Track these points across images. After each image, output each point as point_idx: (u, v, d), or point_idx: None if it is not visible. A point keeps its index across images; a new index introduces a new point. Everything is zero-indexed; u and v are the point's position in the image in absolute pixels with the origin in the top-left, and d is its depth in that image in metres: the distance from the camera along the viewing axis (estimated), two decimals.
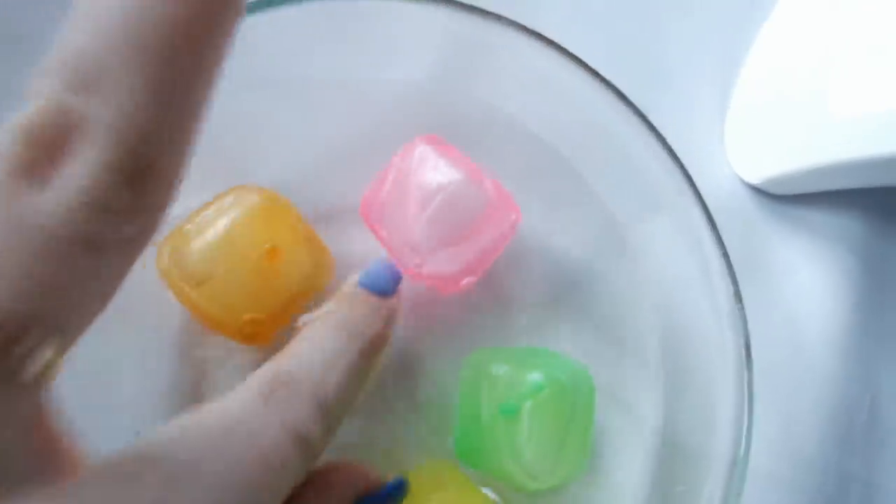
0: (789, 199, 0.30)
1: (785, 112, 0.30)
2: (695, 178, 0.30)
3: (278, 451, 0.15)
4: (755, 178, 0.30)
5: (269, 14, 0.21)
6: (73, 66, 0.10)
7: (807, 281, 0.29)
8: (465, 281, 0.22)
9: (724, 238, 0.29)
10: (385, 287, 0.20)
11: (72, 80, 0.10)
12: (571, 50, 0.27)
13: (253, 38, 0.20)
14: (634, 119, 0.22)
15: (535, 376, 0.20)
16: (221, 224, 0.20)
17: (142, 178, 0.10)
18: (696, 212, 0.22)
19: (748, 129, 0.31)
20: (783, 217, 0.30)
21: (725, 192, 0.30)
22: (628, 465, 0.24)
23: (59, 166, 0.10)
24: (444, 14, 0.22)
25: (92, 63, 0.10)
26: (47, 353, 0.10)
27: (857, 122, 0.28)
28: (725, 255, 0.21)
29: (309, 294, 0.22)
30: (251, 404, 0.15)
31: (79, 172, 0.10)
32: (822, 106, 0.29)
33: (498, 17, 0.22)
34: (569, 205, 0.26)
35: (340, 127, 0.25)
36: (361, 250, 0.24)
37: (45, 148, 0.10)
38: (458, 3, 0.22)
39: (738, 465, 0.20)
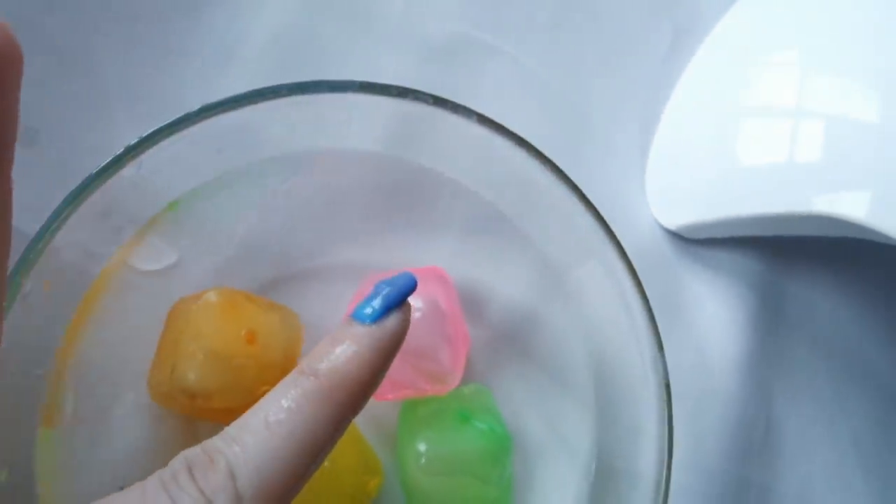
0: (700, 241, 0.35)
1: (696, 165, 0.34)
2: (619, 224, 0.33)
3: None
4: (672, 225, 0.34)
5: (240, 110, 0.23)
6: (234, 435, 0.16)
7: (713, 313, 0.33)
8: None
9: (645, 276, 0.33)
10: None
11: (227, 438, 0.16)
12: (507, 108, 0.31)
13: (243, 119, 0.23)
14: (559, 181, 0.25)
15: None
16: (194, 341, 0.22)
17: None
18: (619, 262, 0.25)
19: (665, 181, 0.35)
20: (695, 258, 0.34)
21: (647, 235, 0.34)
22: (565, 489, 0.27)
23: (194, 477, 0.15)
24: (391, 102, 0.25)
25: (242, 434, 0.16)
26: None
27: (758, 178, 0.32)
28: (648, 308, 0.25)
29: (293, 360, 0.24)
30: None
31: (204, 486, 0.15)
32: (727, 161, 0.33)
33: (436, 100, 0.24)
34: (510, 256, 0.29)
35: (307, 192, 0.27)
36: (328, 310, 0.26)
37: (191, 465, 0.15)
38: (402, 89, 0.24)
39: (661, 485, 0.23)
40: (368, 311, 0.18)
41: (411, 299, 0.18)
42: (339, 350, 0.17)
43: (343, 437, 0.23)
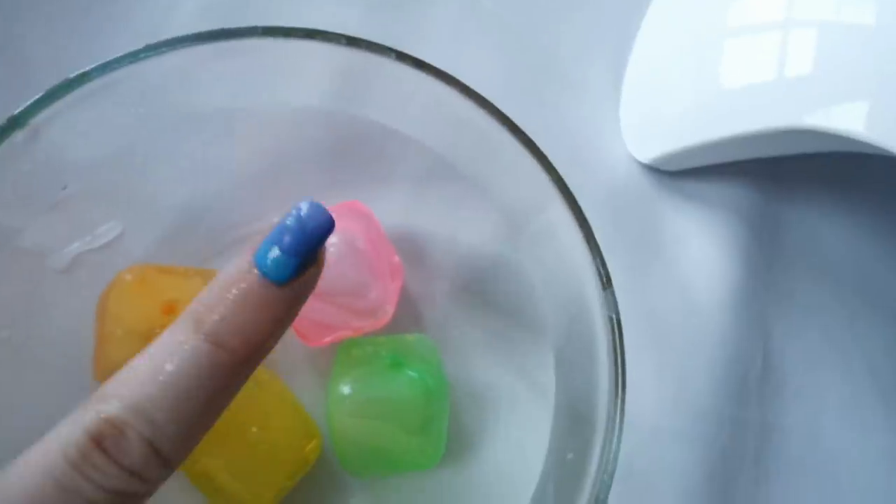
0: (680, 174, 0.33)
1: (669, 95, 0.32)
2: (593, 162, 0.32)
3: None
4: (648, 158, 0.32)
5: (179, 53, 0.23)
6: (131, 402, 0.15)
7: (699, 248, 0.32)
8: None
9: (623, 214, 0.32)
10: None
11: (128, 408, 0.15)
12: (464, 54, 0.30)
13: (164, 74, 0.22)
14: (507, 130, 0.24)
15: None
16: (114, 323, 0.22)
17: (153, 462, 0.15)
18: (569, 208, 0.24)
19: (639, 114, 0.33)
20: (675, 191, 0.32)
21: (623, 172, 0.32)
22: (534, 431, 0.26)
23: (107, 459, 0.15)
24: (337, 50, 0.24)
25: (141, 404, 0.15)
26: None
27: (735, 100, 0.30)
28: (595, 246, 0.24)
29: None
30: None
31: (122, 462, 0.15)
32: (707, 84, 0.31)
33: (372, 45, 0.24)
34: (466, 207, 0.28)
35: (247, 153, 0.27)
36: None
37: (97, 444, 0.15)
38: (347, 37, 0.24)
39: (615, 423, 0.22)
40: (275, 255, 0.16)
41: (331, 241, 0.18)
42: (247, 317, 0.16)
43: (277, 405, 0.23)
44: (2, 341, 0.23)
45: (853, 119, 0.26)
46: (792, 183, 0.33)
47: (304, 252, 0.16)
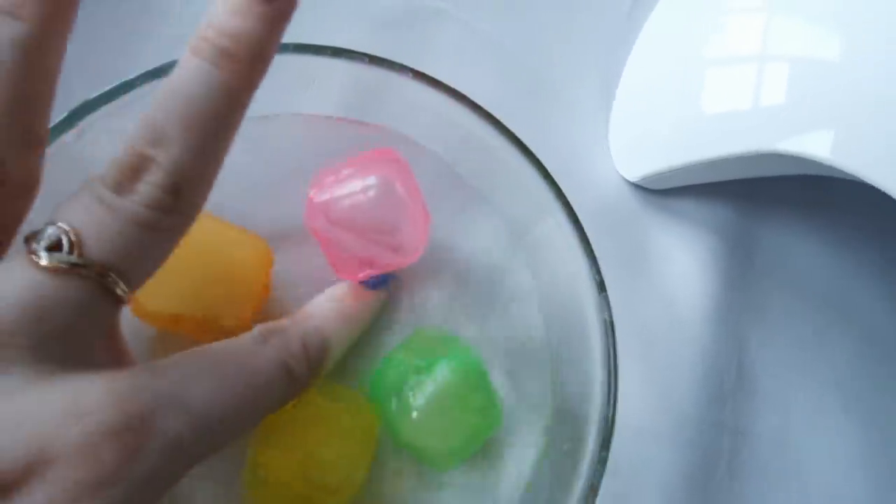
0: (665, 192, 0.35)
1: (655, 118, 0.34)
2: (583, 180, 0.34)
3: (263, 372, 0.20)
4: (635, 177, 0.34)
5: None
6: (149, 130, 0.17)
7: (682, 263, 0.34)
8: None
9: (612, 230, 0.34)
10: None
11: (148, 139, 0.17)
12: (464, 74, 0.31)
13: None
14: (509, 142, 0.26)
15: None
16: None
17: (178, 191, 0.17)
18: (566, 218, 0.26)
19: (628, 134, 0.35)
20: (660, 209, 0.35)
21: (612, 190, 0.35)
22: (526, 436, 0.28)
23: (138, 183, 0.17)
24: (352, 65, 0.26)
25: (161, 130, 0.17)
26: (121, 286, 0.17)
27: (716, 125, 0.32)
28: (591, 253, 0.26)
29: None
30: (248, 340, 0.21)
31: (148, 188, 0.17)
32: (690, 109, 0.33)
33: (391, 64, 0.25)
34: (470, 214, 0.30)
35: (265, 157, 0.28)
36: (299, 270, 0.27)
37: (132, 172, 0.17)
38: (362, 55, 0.25)
39: (607, 422, 0.24)
40: None
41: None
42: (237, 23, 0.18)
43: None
44: None
45: (820, 145, 0.28)
46: (767, 203, 0.36)
47: None
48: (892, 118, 0.27)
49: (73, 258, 0.16)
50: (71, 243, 0.17)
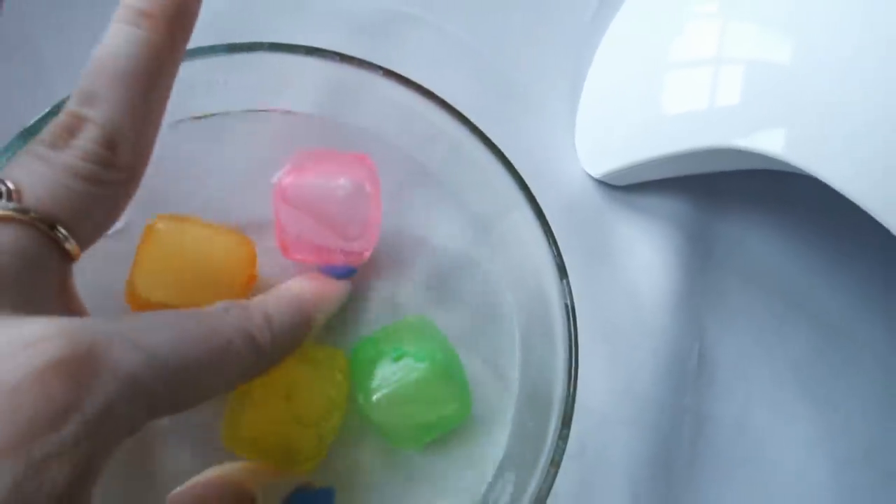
0: (629, 188, 0.37)
1: (619, 117, 0.36)
2: (550, 177, 0.36)
3: (223, 334, 0.20)
4: (599, 173, 0.36)
5: (194, 63, 0.26)
6: (81, 92, 0.19)
7: (644, 255, 0.35)
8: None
9: (577, 225, 0.35)
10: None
11: (81, 99, 0.19)
12: (436, 76, 0.33)
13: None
14: (477, 139, 0.27)
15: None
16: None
17: (114, 146, 0.19)
18: (532, 211, 0.27)
19: (592, 133, 0.37)
20: (624, 204, 0.36)
21: (577, 187, 0.36)
22: (500, 413, 0.29)
23: (74, 140, 0.19)
24: (325, 64, 0.27)
25: (91, 91, 0.19)
26: (71, 241, 0.19)
27: (675, 123, 0.34)
28: (554, 244, 0.27)
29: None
30: (212, 309, 0.21)
31: (82, 143, 0.19)
32: (651, 109, 0.35)
33: (362, 62, 0.27)
34: (440, 210, 0.31)
35: (242, 153, 0.29)
36: (275, 265, 0.29)
37: (66, 131, 0.19)
38: (333, 53, 0.27)
39: (567, 400, 0.26)
40: None
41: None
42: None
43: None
44: None
45: (773, 141, 0.30)
46: (725, 197, 0.37)
47: None
48: (840, 117, 0.28)
49: (13, 204, 0.18)
50: (10, 191, 0.18)
